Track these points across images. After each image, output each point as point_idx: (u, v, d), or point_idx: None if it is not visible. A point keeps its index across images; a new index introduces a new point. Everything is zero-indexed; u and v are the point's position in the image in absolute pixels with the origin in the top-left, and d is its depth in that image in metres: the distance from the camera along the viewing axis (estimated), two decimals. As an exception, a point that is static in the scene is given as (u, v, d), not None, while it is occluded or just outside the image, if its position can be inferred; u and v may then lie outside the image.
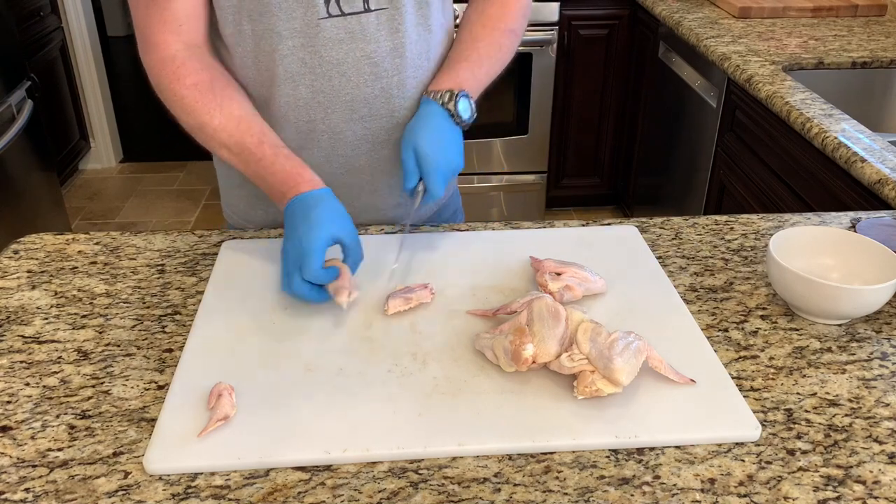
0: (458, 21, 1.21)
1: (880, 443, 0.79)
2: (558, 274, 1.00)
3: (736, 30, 2.35)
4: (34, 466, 0.76)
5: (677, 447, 0.78)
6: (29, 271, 1.08)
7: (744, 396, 0.85)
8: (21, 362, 0.90)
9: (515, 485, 0.74)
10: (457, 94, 1.10)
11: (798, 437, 0.80)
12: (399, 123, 1.16)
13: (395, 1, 1.09)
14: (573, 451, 0.78)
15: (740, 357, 0.92)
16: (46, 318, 0.98)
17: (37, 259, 1.11)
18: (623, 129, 3.19)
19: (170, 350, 0.93)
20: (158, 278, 1.07)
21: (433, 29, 1.15)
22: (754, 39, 2.26)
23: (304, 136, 1.14)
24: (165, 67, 1.05)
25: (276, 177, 1.02)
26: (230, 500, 0.72)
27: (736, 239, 1.17)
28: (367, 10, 1.08)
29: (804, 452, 0.78)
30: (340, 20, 1.07)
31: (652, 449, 0.78)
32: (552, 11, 2.91)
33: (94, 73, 3.68)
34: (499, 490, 0.73)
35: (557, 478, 0.75)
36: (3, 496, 0.73)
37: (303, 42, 1.07)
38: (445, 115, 1.10)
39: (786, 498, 0.73)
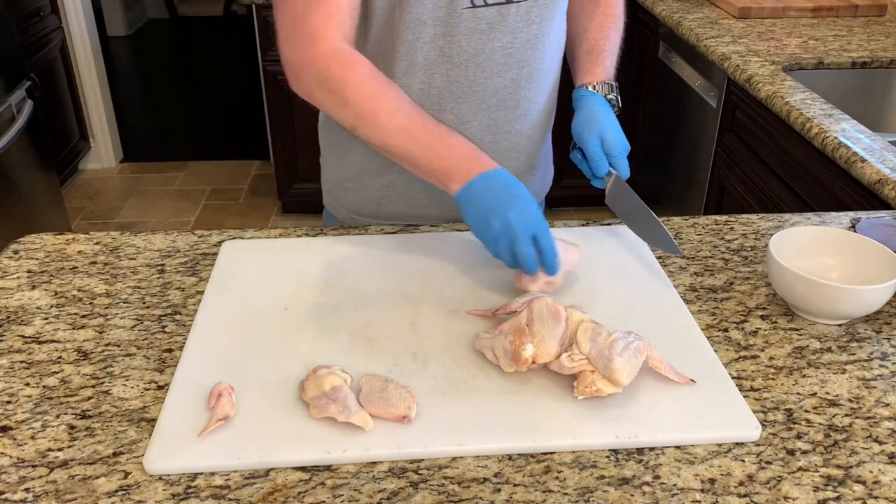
0: None
1: (880, 443, 0.79)
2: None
3: (736, 30, 2.35)
4: (34, 466, 0.76)
5: (677, 447, 0.78)
6: (29, 271, 1.08)
7: (744, 396, 0.85)
8: (21, 362, 0.90)
9: (515, 485, 0.74)
10: (615, 87, 1.21)
11: (798, 437, 0.80)
12: (522, 115, 1.20)
13: None
14: (573, 451, 0.78)
15: (740, 357, 0.92)
16: (46, 318, 0.98)
17: (37, 259, 1.11)
18: (623, 128, 3.18)
19: (170, 350, 0.93)
20: (158, 278, 1.07)
21: (558, 19, 1.19)
22: (754, 39, 2.26)
23: None
24: (335, 59, 1.04)
25: (461, 151, 1.03)
26: (230, 500, 0.72)
27: (736, 239, 1.17)
28: (509, 2, 1.11)
29: (804, 452, 0.78)
30: (483, 10, 1.10)
31: (652, 449, 0.78)
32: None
33: (94, 73, 3.67)
34: (499, 490, 0.73)
35: (557, 478, 0.75)
36: (3, 496, 0.73)
37: (444, 31, 1.10)
38: (609, 105, 1.19)
39: (786, 498, 0.73)
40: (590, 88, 1.20)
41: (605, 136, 1.14)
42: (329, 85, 1.04)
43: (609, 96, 1.20)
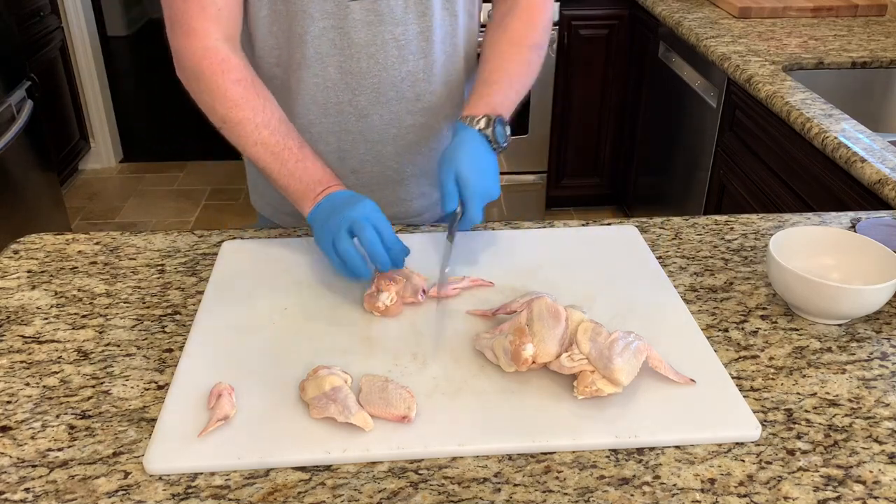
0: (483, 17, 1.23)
1: (880, 443, 0.79)
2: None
3: (736, 30, 2.35)
4: (34, 466, 0.76)
5: (677, 447, 0.78)
6: (29, 271, 1.08)
7: (744, 396, 0.85)
8: (21, 362, 0.90)
9: (515, 485, 0.74)
10: (494, 120, 1.09)
11: (798, 437, 0.80)
12: (424, 108, 1.18)
13: None
14: (573, 451, 0.78)
15: (740, 357, 0.92)
16: (46, 318, 0.98)
17: (37, 259, 1.11)
18: (623, 129, 3.19)
19: (170, 350, 0.93)
20: (158, 278, 1.07)
21: (458, 14, 1.16)
22: (754, 39, 2.26)
23: (333, 118, 1.17)
24: (207, 57, 1.05)
25: (315, 176, 1.04)
26: (230, 500, 0.72)
27: (736, 239, 1.17)
28: None
29: (804, 452, 0.78)
30: (370, 2, 1.09)
31: (652, 449, 0.78)
32: (552, 11, 2.91)
33: (94, 73, 3.67)
34: (499, 490, 0.73)
35: (557, 478, 0.75)
36: (3, 496, 0.73)
37: (333, 24, 1.10)
38: (483, 141, 1.08)
39: (786, 498, 0.73)
40: (465, 122, 1.09)
41: (460, 174, 1.03)
42: (200, 84, 1.06)
43: (485, 131, 1.08)
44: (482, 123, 1.08)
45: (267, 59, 1.15)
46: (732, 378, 0.87)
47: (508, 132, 1.11)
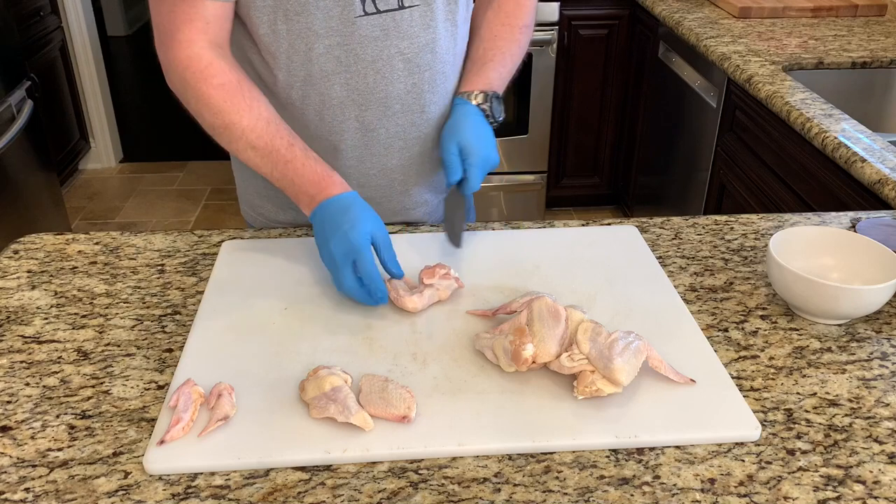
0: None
1: (880, 443, 0.79)
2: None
3: (736, 30, 2.35)
4: (34, 466, 0.76)
5: (677, 447, 0.78)
6: (29, 271, 1.08)
7: (744, 396, 0.85)
8: (21, 362, 0.90)
9: (515, 485, 0.74)
10: (491, 96, 1.17)
11: (798, 437, 0.80)
12: (429, 119, 1.18)
13: None
14: (573, 451, 0.78)
15: (740, 357, 0.92)
16: (46, 318, 0.98)
17: (37, 259, 1.11)
18: (623, 129, 3.19)
19: (170, 350, 0.93)
20: (158, 278, 1.07)
21: (458, 24, 1.17)
22: (754, 39, 2.26)
23: (338, 135, 1.15)
24: (191, 66, 1.03)
25: (306, 178, 1.02)
26: (230, 500, 0.72)
27: (736, 239, 1.17)
28: (402, 7, 1.09)
29: (804, 452, 0.78)
30: (376, 17, 1.08)
31: (652, 449, 0.78)
32: (552, 11, 2.91)
33: (94, 73, 3.68)
34: (499, 490, 0.73)
35: (557, 478, 0.75)
36: (3, 496, 0.73)
37: (339, 41, 1.08)
38: (481, 115, 1.16)
39: (786, 498, 0.73)
40: (463, 97, 1.17)
41: (463, 144, 1.11)
42: (187, 93, 1.04)
43: (482, 106, 1.16)
44: (479, 99, 1.16)
45: (266, 78, 1.13)
46: (732, 378, 0.87)
47: (503, 107, 1.19)
